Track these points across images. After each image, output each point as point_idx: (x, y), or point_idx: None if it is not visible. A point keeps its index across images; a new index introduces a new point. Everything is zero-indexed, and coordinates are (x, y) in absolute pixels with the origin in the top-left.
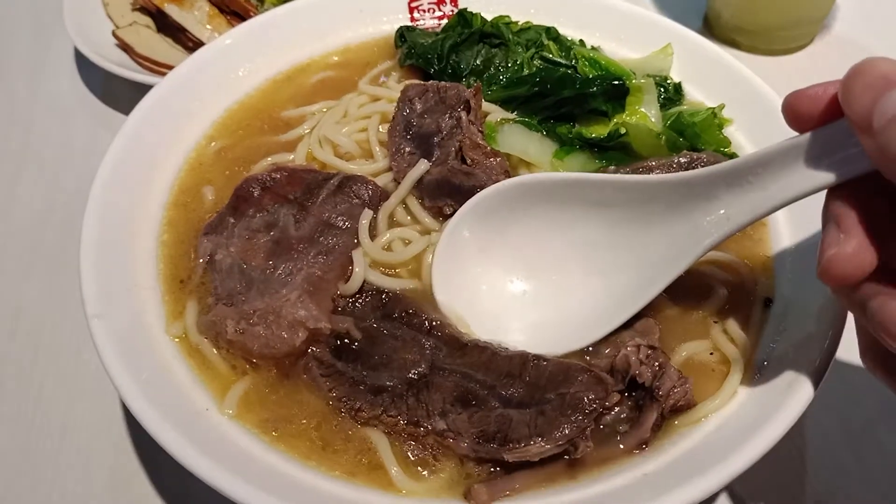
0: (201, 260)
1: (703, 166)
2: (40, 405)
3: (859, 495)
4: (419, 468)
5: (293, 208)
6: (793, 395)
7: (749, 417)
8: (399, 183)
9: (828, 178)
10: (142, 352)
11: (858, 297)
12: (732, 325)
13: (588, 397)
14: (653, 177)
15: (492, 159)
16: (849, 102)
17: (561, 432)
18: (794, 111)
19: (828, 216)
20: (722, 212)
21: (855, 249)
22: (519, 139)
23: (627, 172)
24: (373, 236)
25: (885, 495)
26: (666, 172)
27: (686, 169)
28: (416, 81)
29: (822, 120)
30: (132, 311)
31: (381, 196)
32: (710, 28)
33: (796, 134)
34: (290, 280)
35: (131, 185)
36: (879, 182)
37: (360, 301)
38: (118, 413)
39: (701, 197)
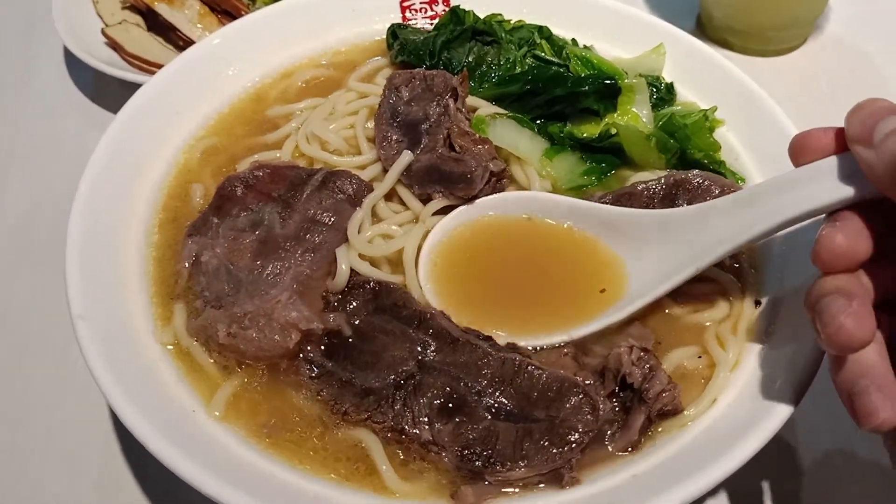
0: (186, 263)
1: (690, 188)
2: (27, 405)
3: (850, 498)
4: (411, 468)
5: (278, 206)
6: (782, 398)
7: (738, 419)
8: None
9: (824, 202)
10: (127, 353)
11: (847, 382)
12: (721, 328)
13: (577, 429)
14: (651, 212)
15: (480, 146)
16: (853, 125)
17: (546, 462)
18: (800, 146)
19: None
20: (715, 239)
21: (848, 233)
22: (510, 134)
23: (609, 200)
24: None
25: (876, 498)
26: (650, 195)
27: (673, 191)
28: (403, 70)
29: (822, 155)
30: (118, 313)
31: (367, 189)
32: (703, 28)
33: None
34: (279, 280)
35: (119, 185)
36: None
37: (351, 295)
38: (106, 413)
39: (695, 228)
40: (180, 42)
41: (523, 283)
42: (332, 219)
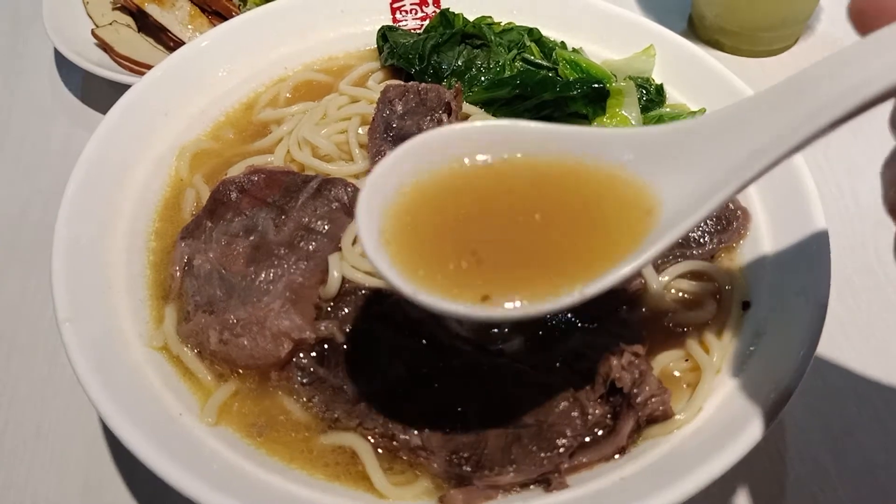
0: (177, 266)
1: None
2: (14, 408)
3: (839, 497)
4: (401, 473)
5: (272, 212)
6: (770, 400)
7: (726, 422)
8: None
9: None
10: (115, 356)
11: None
12: (707, 331)
13: (566, 434)
14: (672, 124)
15: None
16: None
17: (535, 467)
18: (866, 5)
19: None
20: (767, 140)
21: None
22: None
23: None
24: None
25: (864, 497)
26: None
27: None
28: (396, 82)
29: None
30: (106, 316)
31: None
32: (695, 29)
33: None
34: (272, 288)
35: (107, 187)
36: None
37: (343, 302)
38: (93, 416)
39: (734, 134)
40: (171, 43)
41: (513, 235)
42: (327, 227)
